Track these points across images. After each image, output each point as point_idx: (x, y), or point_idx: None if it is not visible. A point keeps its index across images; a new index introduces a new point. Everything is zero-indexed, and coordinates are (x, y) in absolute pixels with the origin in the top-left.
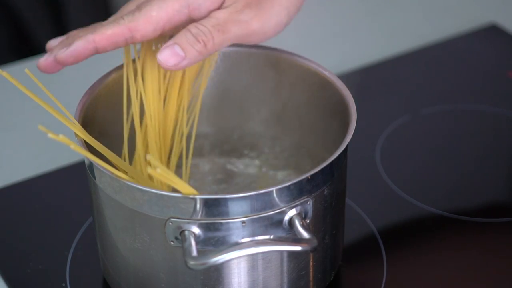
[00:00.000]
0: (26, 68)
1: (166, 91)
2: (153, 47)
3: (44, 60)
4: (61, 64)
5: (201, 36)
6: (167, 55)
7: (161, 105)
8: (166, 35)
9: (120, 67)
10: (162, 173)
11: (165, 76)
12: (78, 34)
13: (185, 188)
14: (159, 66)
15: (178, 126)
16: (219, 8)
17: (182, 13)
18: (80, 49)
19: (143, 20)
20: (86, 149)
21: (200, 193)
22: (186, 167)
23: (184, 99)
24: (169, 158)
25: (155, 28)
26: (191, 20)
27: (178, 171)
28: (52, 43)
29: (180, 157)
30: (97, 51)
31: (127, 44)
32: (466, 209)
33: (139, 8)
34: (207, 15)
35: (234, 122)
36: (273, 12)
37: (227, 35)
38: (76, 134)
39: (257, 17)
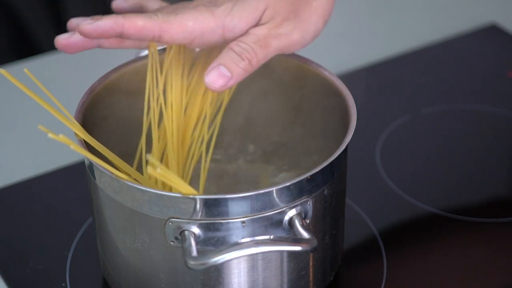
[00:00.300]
0: (26, 68)
1: (188, 99)
2: (180, 55)
3: (65, 38)
4: (83, 36)
5: (245, 53)
6: (214, 77)
7: (181, 113)
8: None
9: (120, 67)
10: (162, 173)
11: (188, 85)
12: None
13: (185, 188)
14: (183, 73)
15: (198, 132)
16: (256, 25)
17: (216, 33)
18: (107, 26)
19: (177, 25)
20: (86, 149)
21: (200, 193)
22: (204, 169)
23: (206, 107)
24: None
25: (185, 37)
26: (223, 41)
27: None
28: (75, 20)
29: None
30: (121, 36)
31: (152, 41)
32: (466, 209)
33: (175, 12)
34: (241, 35)
35: (233, 122)
36: (311, 22)
37: (269, 49)
38: (76, 134)
39: (296, 29)
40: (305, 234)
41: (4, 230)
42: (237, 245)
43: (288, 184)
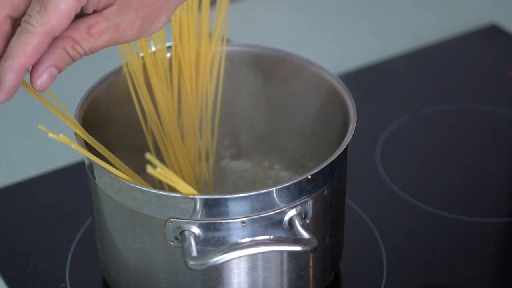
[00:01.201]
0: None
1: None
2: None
3: None
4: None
5: (77, 53)
6: (47, 80)
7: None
8: None
9: (121, 67)
10: (162, 172)
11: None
12: (1, 64)
13: (185, 188)
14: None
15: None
16: (103, 8)
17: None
18: (14, 82)
19: (56, 18)
20: (86, 149)
21: (200, 193)
22: (209, 170)
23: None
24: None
25: (70, 20)
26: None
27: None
28: None
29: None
30: (28, 70)
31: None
32: (466, 209)
33: (40, 3)
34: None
35: (230, 121)
36: (160, 20)
37: (101, 44)
38: (76, 134)
39: (139, 27)
40: (305, 234)
41: (4, 230)
42: (237, 245)
43: (288, 184)
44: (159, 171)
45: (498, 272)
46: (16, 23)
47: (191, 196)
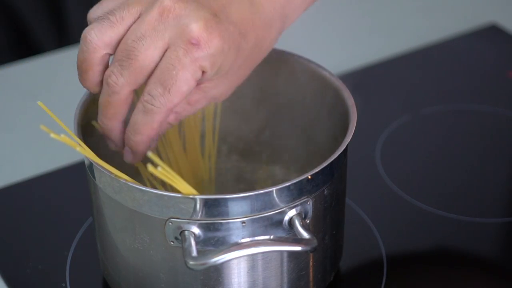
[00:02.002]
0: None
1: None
2: None
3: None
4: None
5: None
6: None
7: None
8: None
9: None
10: (163, 172)
11: None
12: (129, 137)
13: (185, 188)
14: None
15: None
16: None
17: (200, 76)
18: (145, 151)
19: (178, 98)
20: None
21: (200, 193)
22: (211, 170)
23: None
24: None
25: (186, 96)
26: None
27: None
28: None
29: None
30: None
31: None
32: (466, 209)
33: (163, 86)
34: None
35: (232, 122)
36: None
37: (195, 109)
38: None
39: (229, 89)
40: (305, 234)
41: (4, 230)
42: (237, 245)
43: (288, 184)
44: (160, 171)
45: (498, 272)
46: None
47: (191, 196)
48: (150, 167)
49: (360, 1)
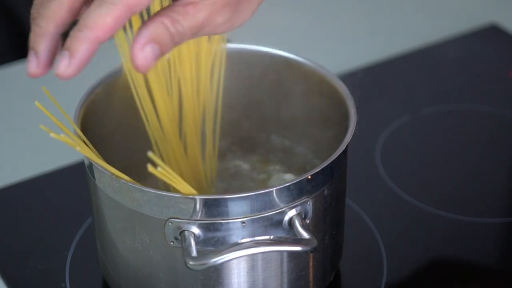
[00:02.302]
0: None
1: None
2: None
3: (38, 71)
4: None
5: (178, 32)
6: (149, 57)
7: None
8: None
9: (121, 67)
10: (163, 172)
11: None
12: (73, 34)
13: (185, 188)
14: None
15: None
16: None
17: None
18: (87, 55)
19: None
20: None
21: (200, 193)
22: (211, 170)
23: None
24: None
25: None
26: None
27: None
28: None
29: None
30: (100, 45)
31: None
32: (466, 209)
33: None
34: None
35: (232, 122)
36: (250, 9)
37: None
38: (75, 136)
39: (230, 21)
40: (305, 234)
41: (4, 230)
42: (237, 246)
43: (288, 184)
44: (160, 171)
45: (498, 272)
46: (86, 5)
47: (191, 196)
48: (149, 167)
49: (360, 1)
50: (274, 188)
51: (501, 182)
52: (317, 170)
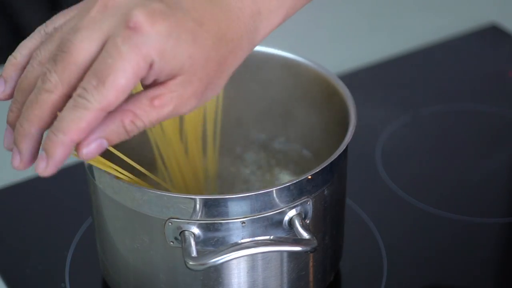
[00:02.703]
0: None
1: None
2: None
3: (21, 166)
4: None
5: (135, 127)
6: (93, 150)
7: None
8: None
9: None
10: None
11: None
12: (49, 137)
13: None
14: None
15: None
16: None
17: (145, 69)
18: (62, 157)
19: (114, 94)
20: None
21: (200, 194)
22: (213, 169)
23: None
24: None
25: (127, 95)
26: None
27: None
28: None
29: None
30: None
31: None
32: (466, 209)
33: (98, 78)
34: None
35: (232, 122)
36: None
37: (162, 115)
38: None
39: (200, 101)
40: (305, 235)
41: (4, 230)
42: (237, 246)
43: (288, 184)
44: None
45: (498, 272)
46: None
47: (190, 196)
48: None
49: (360, 1)
50: (274, 188)
51: (501, 182)
52: (317, 170)
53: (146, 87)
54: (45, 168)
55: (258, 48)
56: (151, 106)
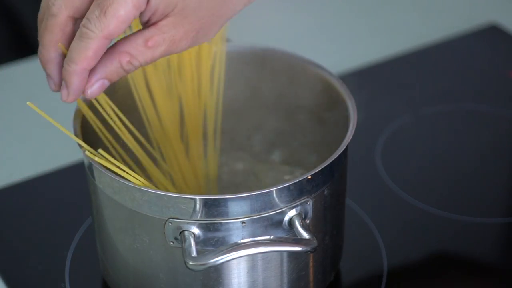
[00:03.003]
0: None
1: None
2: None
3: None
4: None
5: (132, 66)
6: (97, 90)
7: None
8: None
9: None
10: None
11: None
12: (64, 67)
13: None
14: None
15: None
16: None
17: (143, 3)
18: (79, 84)
19: (114, 24)
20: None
21: (200, 194)
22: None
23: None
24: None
25: (127, 25)
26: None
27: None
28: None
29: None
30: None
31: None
32: (466, 209)
33: (100, 8)
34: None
35: (231, 122)
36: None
37: (155, 56)
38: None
39: (193, 41)
40: (305, 235)
41: (4, 230)
42: (237, 246)
43: (288, 184)
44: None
45: (498, 272)
46: (77, 23)
47: (190, 196)
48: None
49: (360, 1)
50: (274, 188)
51: (501, 182)
52: (317, 170)
53: (143, 25)
54: (67, 96)
55: (258, 48)
56: (145, 47)
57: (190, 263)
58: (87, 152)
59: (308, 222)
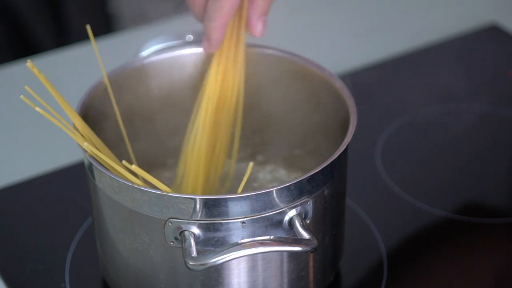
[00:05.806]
0: (26, 68)
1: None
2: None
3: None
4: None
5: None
6: (262, 28)
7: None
8: None
9: (121, 67)
10: (137, 169)
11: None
12: (205, 24)
13: (162, 187)
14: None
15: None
16: None
17: None
18: (219, 37)
19: None
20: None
21: (204, 194)
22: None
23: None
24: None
25: None
26: None
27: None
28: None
29: None
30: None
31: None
32: (466, 209)
33: None
34: None
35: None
36: None
37: None
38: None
39: None
40: (305, 235)
41: (4, 230)
42: (237, 246)
43: (288, 184)
44: (134, 167)
45: (498, 273)
46: None
47: (191, 196)
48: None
49: (360, 1)
50: (274, 188)
51: (501, 182)
52: (317, 170)
53: None
54: (209, 47)
55: (258, 47)
56: None
57: (190, 263)
58: (85, 147)
59: (308, 222)
